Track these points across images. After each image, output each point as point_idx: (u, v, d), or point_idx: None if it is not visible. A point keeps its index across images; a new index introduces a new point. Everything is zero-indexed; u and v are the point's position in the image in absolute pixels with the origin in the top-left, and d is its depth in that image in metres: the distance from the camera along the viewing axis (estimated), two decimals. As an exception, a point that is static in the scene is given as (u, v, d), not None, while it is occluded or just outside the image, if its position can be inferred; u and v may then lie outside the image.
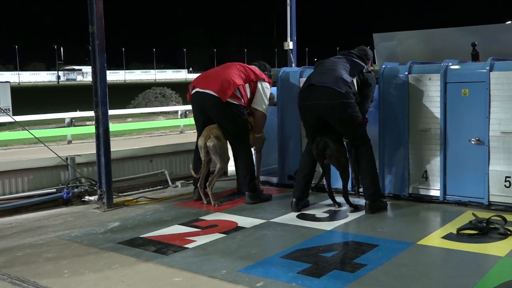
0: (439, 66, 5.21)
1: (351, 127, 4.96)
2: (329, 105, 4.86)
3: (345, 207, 5.17)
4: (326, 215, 5.01)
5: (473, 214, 4.62)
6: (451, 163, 5.18)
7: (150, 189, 6.39)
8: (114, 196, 5.60)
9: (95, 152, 5.52)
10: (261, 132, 5.85)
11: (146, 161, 6.56)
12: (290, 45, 7.76)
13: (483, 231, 4.24)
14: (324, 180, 5.33)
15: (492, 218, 4.39)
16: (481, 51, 5.35)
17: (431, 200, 5.30)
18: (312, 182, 5.33)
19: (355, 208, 5.09)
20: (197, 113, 5.60)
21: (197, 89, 5.49)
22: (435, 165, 5.27)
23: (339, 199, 5.25)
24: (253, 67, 5.76)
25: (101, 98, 5.34)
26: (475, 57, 5.34)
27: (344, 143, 5.15)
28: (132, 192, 6.15)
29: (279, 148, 6.30)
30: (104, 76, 5.36)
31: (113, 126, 15.47)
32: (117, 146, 8.97)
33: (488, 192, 4.99)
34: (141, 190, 6.29)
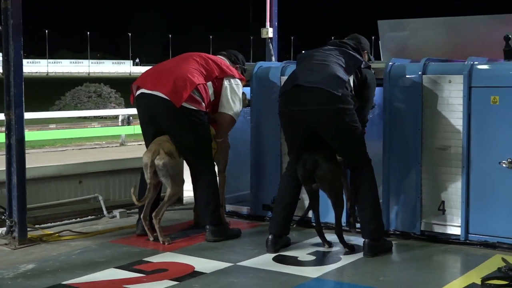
0: (462, 66, 5.30)
1: (349, 141, 5.02)
2: (321, 112, 4.91)
3: (338, 248, 5.20)
4: (313, 257, 5.03)
5: (503, 259, 4.68)
6: (476, 192, 5.26)
7: (78, 219, 6.35)
8: (29, 229, 5.53)
9: (4, 169, 5.47)
10: (224, 136, 5.85)
11: (73, 182, 6.51)
12: (269, 32, 7.81)
13: (516, 281, 4.30)
14: (311, 212, 5.37)
15: (528, 264, 4.47)
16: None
17: (449, 240, 5.36)
18: (295, 214, 5.37)
19: (351, 249, 5.13)
20: (144, 122, 5.60)
21: (143, 90, 5.49)
22: (455, 194, 5.33)
23: (330, 236, 5.29)
24: (219, 58, 5.79)
25: (15, 97, 5.30)
26: (508, 54, 5.45)
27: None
28: (53, 224, 6.10)
29: (252, 168, 6.32)
30: (19, 67, 5.33)
31: (30, 134, 15.27)
32: (35, 161, 8.88)
33: (524, 230, 5.08)
34: (66, 221, 6.24)
